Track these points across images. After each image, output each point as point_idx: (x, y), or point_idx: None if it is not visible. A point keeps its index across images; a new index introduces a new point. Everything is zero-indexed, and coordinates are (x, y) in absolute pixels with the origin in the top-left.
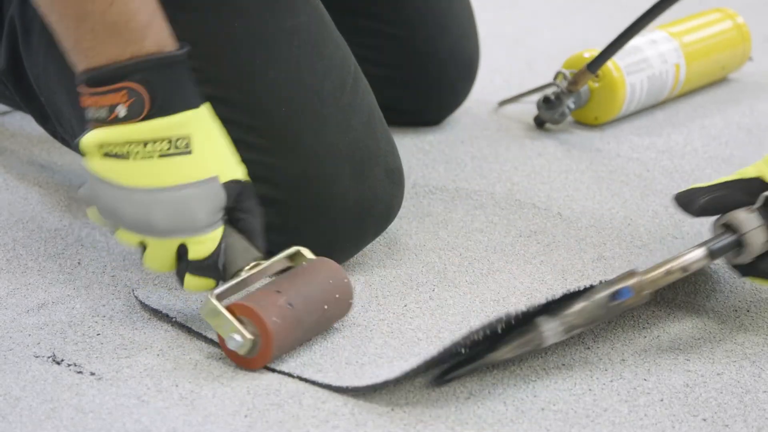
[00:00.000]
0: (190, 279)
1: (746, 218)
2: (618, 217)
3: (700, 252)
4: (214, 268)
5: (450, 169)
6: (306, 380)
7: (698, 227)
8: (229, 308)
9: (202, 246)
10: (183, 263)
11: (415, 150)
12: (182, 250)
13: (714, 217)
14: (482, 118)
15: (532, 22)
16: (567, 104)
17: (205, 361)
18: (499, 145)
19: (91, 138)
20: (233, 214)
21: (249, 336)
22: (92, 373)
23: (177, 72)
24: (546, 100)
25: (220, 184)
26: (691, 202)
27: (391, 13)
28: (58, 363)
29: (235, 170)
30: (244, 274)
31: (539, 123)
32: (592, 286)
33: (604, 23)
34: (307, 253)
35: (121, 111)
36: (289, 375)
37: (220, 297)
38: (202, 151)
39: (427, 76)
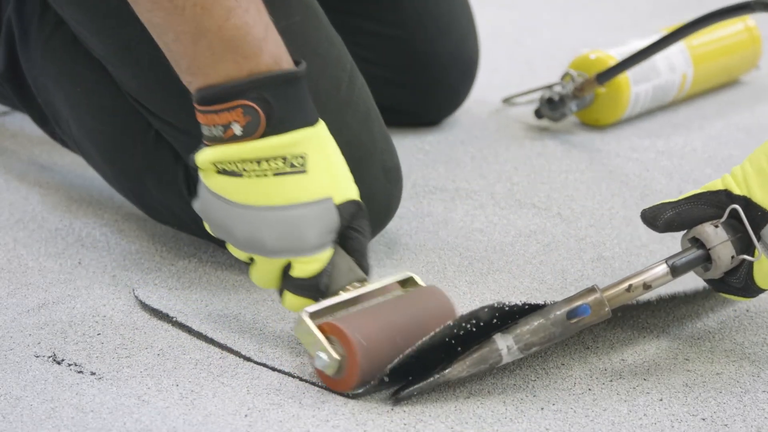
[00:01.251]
0: (290, 297)
1: (713, 232)
2: (618, 217)
3: (662, 268)
4: (316, 288)
5: (450, 169)
6: (306, 380)
7: None
8: (320, 327)
9: (307, 266)
10: (286, 280)
11: (415, 150)
12: (287, 267)
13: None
14: (482, 118)
15: (531, 22)
16: (569, 106)
17: (205, 360)
18: (499, 145)
19: (205, 155)
20: (344, 232)
21: (335, 356)
22: (92, 373)
23: (294, 89)
24: (549, 101)
25: (334, 205)
26: (656, 217)
27: (391, 14)
28: (59, 363)
29: (350, 190)
30: (344, 294)
31: (539, 115)
32: (545, 304)
33: (603, 23)
34: (418, 279)
35: (237, 129)
36: (290, 375)
37: (313, 315)
38: (317, 170)
39: (427, 76)
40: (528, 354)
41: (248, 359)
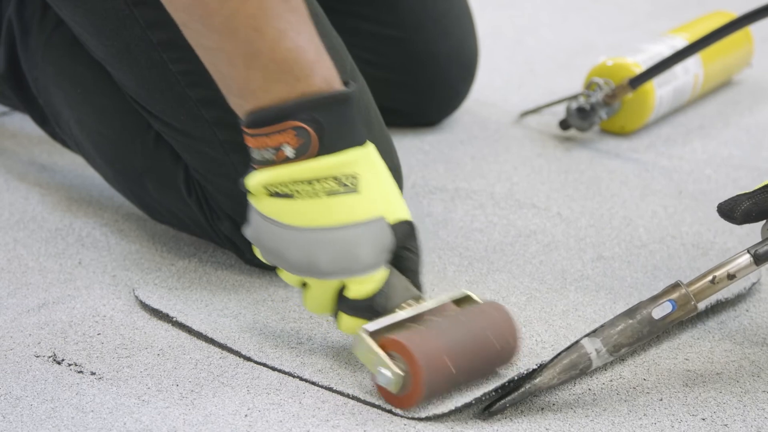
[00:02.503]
0: (345, 318)
1: None
2: (618, 217)
3: (745, 258)
4: (372, 308)
5: (450, 169)
6: (306, 380)
7: (697, 227)
8: (380, 343)
9: (363, 287)
10: (341, 302)
11: (414, 150)
12: (341, 289)
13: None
14: (482, 118)
15: (531, 22)
16: (600, 114)
17: (205, 360)
18: (499, 145)
19: (257, 179)
20: (398, 252)
21: (398, 371)
22: (93, 373)
23: (345, 109)
24: (580, 110)
25: (387, 224)
26: (733, 209)
27: (390, 15)
28: (59, 363)
29: (402, 210)
30: (401, 312)
31: (565, 127)
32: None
33: (603, 23)
34: (475, 297)
35: (289, 151)
36: (290, 375)
37: (372, 333)
38: (369, 190)
39: (426, 77)
40: (618, 356)
41: (248, 359)
